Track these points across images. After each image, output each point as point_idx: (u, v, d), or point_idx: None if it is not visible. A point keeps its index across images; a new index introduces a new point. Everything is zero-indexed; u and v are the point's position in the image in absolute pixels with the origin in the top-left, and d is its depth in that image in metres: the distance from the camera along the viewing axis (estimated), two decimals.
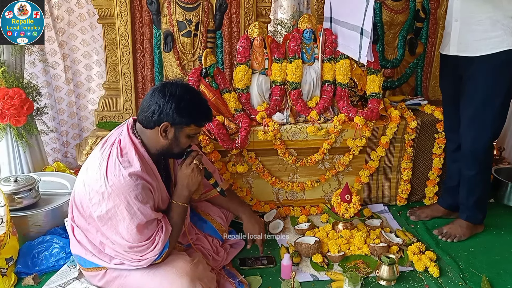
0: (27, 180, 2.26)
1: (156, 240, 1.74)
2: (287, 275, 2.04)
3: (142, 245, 1.72)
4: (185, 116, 1.74)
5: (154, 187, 1.77)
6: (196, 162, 1.84)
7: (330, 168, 2.61)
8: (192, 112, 1.76)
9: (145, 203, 1.70)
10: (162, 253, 1.76)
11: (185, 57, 2.72)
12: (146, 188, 1.71)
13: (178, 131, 1.77)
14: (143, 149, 1.77)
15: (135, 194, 1.67)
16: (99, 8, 2.59)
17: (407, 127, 2.57)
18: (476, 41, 2.13)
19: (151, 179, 1.75)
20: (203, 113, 1.81)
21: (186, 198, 1.86)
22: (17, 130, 2.53)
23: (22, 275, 2.03)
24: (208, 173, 1.95)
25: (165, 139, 1.76)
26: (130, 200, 1.67)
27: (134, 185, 1.67)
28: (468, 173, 2.32)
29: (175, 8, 2.60)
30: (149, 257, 1.74)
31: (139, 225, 1.69)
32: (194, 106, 1.77)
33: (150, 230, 1.74)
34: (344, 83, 2.50)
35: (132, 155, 1.72)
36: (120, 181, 1.66)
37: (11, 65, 2.47)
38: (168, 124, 1.73)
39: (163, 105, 1.71)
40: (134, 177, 1.68)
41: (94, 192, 1.70)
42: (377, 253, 2.21)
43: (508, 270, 2.17)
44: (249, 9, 2.69)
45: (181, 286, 1.72)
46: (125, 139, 1.76)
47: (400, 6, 2.83)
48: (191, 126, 1.78)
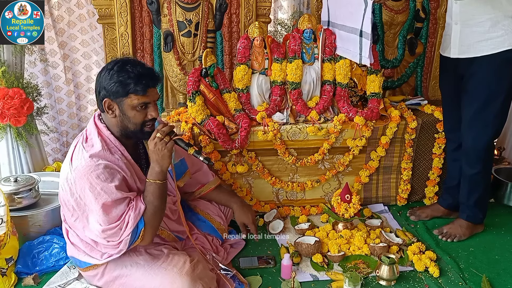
0: (27, 180, 2.26)
1: (126, 220, 1.71)
2: (287, 275, 2.04)
3: (113, 227, 1.70)
4: (116, 86, 1.69)
5: (122, 168, 1.75)
6: (159, 136, 1.74)
7: (330, 168, 2.61)
8: (123, 80, 1.68)
9: (109, 181, 1.67)
10: (137, 232, 1.73)
11: (185, 57, 2.72)
12: (108, 167, 1.69)
13: (121, 105, 1.73)
14: (108, 132, 1.78)
15: (97, 174, 1.66)
16: (99, 8, 2.59)
17: (407, 127, 2.57)
18: (477, 42, 2.13)
19: (116, 159, 1.74)
20: (134, 79, 1.69)
21: (158, 174, 1.76)
22: (17, 130, 2.53)
23: (22, 275, 2.03)
24: (186, 143, 1.82)
25: (113, 116, 1.75)
26: (92, 180, 1.66)
27: (95, 166, 1.67)
28: (469, 172, 2.32)
29: (175, 8, 2.60)
30: (124, 238, 1.72)
31: (105, 205, 1.67)
32: (124, 74, 1.69)
33: (120, 210, 1.71)
34: (344, 83, 2.50)
35: (95, 138, 1.75)
36: (82, 164, 1.68)
37: (11, 65, 2.47)
38: (109, 100, 1.72)
39: (98, 83, 1.73)
40: (95, 158, 1.69)
41: (65, 183, 1.74)
42: (377, 253, 2.21)
43: (508, 270, 2.17)
44: (249, 9, 2.69)
45: (182, 285, 1.73)
46: (90, 126, 1.79)
47: (400, 6, 2.83)
48: (130, 96, 1.70)
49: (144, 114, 1.75)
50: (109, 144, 1.76)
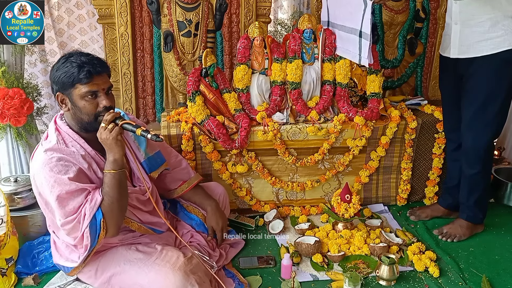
0: (27, 180, 2.26)
1: (83, 212, 1.69)
2: (287, 275, 2.04)
3: (71, 220, 1.68)
4: (62, 77, 1.69)
5: (79, 160, 1.74)
6: (102, 125, 1.71)
7: (330, 168, 2.61)
8: (67, 71, 1.68)
9: (62, 174, 1.66)
10: (97, 224, 1.69)
11: (185, 57, 2.72)
12: (62, 160, 1.69)
13: (71, 97, 1.72)
14: (66, 127, 1.78)
15: (50, 167, 1.67)
16: (99, 8, 2.59)
17: (407, 127, 2.57)
18: (477, 43, 2.13)
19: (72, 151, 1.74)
20: (77, 68, 1.67)
21: (112, 163, 1.72)
22: (17, 130, 2.53)
23: (22, 275, 2.03)
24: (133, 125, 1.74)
25: (66, 109, 1.75)
26: (46, 174, 1.67)
27: (48, 159, 1.68)
28: (469, 172, 2.32)
29: (175, 8, 2.61)
30: (84, 231, 1.69)
31: (59, 197, 1.66)
32: (68, 64, 1.69)
33: (76, 202, 1.68)
34: (344, 83, 2.50)
35: (52, 134, 1.77)
36: (38, 160, 1.71)
37: (11, 65, 2.47)
38: (60, 94, 1.73)
39: (50, 77, 1.74)
40: (49, 152, 1.70)
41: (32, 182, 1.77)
42: (377, 253, 2.21)
43: (508, 270, 2.17)
44: (249, 9, 2.69)
45: (174, 280, 1.72)
46: (50, 124, 1.82)
47: (400, 6, 2.83)
48: (77, 86, 1.69)
49: (95, 104, 1.73)
50: (66, 138, 1.77)
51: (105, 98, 1.74)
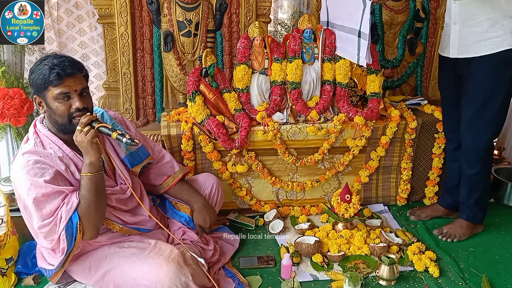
0: None
1: (59, 215, 1.68)
2: (287, 275, 2.04)
3: (48, 223, 1.68)
4: (36, 80, 1.70)
5: (56, 162, 1.73)
6: (78, 128, 1.70)
7: (330, 168, 2.61)
8: (39, 74, 1.70)
9: (39, 176, 1.66)
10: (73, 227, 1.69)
11: (185, 57, 2.72)
12: (39, 162, 1.69)
13: (45, 99, 1.73)
14: (45, 129, 1.79)
15: (27, 170, 1.67)
16: (99, 8, 2.59)
17: (407, 127, 2.57)
18: (476, 42, 2.13)
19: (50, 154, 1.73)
20: (48, 70, 1.68)
21: (87, 166, 1.72)
22: (17, 130, 2.53)
23: (22, 275, 2.03)
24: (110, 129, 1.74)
25: (44, 111, 1.77)
26: (22, 177, 1.67)
27: (25, 162, 1.69)
28: (469, 171, 2.32)
29: (175, 8, 2.61)
30: (60, 233, 1.69)
31: (36, 200, 1.65)
32: (41, 67, 1.71)
33: (53, 205, 1.68)
34: (344, 83, 2.50)
35: (31, 137, 1.78)
36: (16, 164, 1.72)
37: (11, 65, 2.47)
38: (36, 96, 1.75)
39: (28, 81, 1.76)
40: (27, 155, 1.71)
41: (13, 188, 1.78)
42: (377, 253, 2.21)
43: (508, 270, 2.17)
44: (249, 9, 2.69)
45: (168, 271, 1.72)
46: (31, 127, 1.82)
47: (400, 6, 2.83)
48: (49, 88, 1.70)
49: (67, 106, 1.73)
50: (44, 140, 1.77)
51: (78, 99, 1.73)
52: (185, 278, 1.73)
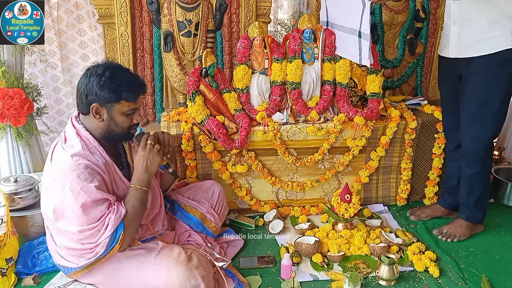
0: (27, 180, 2.26)
1: (106, 222, 1.70)
2: (287, 275, 2.04)
3: (91, 227, 1.69)
4: (109, 93, 1.71)
5: (102, 168, 1.75)
6: (151, 142, 1.81)
7: (330, 168, 2.61)
8: (116, 88, 1.72)
9: (89, 181, 1.67)
10: (116, 236, 1.71)
11: (185, 57, 2.72)
12: (89, 167, 1.70)
13: (110, 111, 1.75)
14: (86, 132, 1.78)
15: (77, 174, 1.67)
16: (99, 8, 2.59)
17: (407, 127, 2.57)
18: (475, 42, 2.13)
19: (96, 159, 1.75)
20: (127, 87, 1.74)
21: (145, 181, 1.80)
22: (17, 130, 2.53)
23: (22, 275, 2.03)
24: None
25: (101, 120, 1.77)
26: (72, 180, 1.66)
27: (76, 165, 1.68)
28: (469, 171, 2.32)
29: (175, 8, 2.61)
30: (102, 241, 1.70)
31: (84, 205, 1.66)
32: (117, 81, 1.72)
33: (99, 211, 1.69)
34: (344, 83, 2.50)
35: (74, 138, 1.76)
36: (63, 164, 1.69)
37: (11, 65, 2.47)
38: (98, 105, 1.74)
39: (87, 87, 1.72)
40: (76, 158, 1.70)
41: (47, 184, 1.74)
42: (377, 253, 2.21)
43: (508, 270, 2.17)
44: (249, 9, 2.69)
45: (177, 273, 1.73)
46: (68, 127, 1.81)
47: (400, 6, 2.83)
48: (121, 102, 1.74)
49: (130, 119, 1.80)
50: (88, 145, 1.77)
51: (139, 114, 1.83)
52: (195, 281, 1.74)
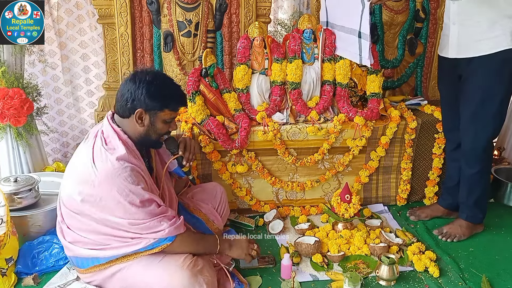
0: (27, 180, 2.26)
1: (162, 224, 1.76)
2: (287, 275, 2.04)
3: (144, 222, 1.73)
4: (156, 101, 1.77)
5: (144, 171, 1.79)
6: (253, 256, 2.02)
7: (330, 168, 2.61)
8: (163, 96, 1.78)
9: (137, 184, 1.71)
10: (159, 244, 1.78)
11: (185, 57, 2.72)
12: (134, 170, 1.73)
13: (153, 117, 1.80)
14: (125, 136, 1.80)
15: (125, 177, 1.69)
16: (99, 8, 2.59)
17: (407, 127, 2.57)
18: (475, 42, 2.13)
19: (138, 162, 1.78)
20: (174, 97, 1.83)
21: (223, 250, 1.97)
22: (17, 130, 2.53)
23: (22, 275, 2.03)
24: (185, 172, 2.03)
25: (142, 125, 1.80)
26: (120, 183, 1.69)
27: (122, 168, 1.70)
28: (468, 171, 2.32)
29: (175, 8, 2.61)
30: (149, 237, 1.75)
31: (134, 205, 1.70)
32: (165, 90, 1.80)
33: (148, 212, 1.74)
34: (344, 83, 2.50)
35: (116, 141, 1.77)
36: (109, 166, 1.70)
37: (11, 65, 2.47)
38: (142, 111, 1.77)
39: (134, 92, 1.75)
40: (122, 161, 1.71)
41: (84, 183, 1.73)
42: (377, 253, 2.21)
43: (508, 270, 2.17)
44: (249, 9, 2.69)
45: (182, 278, 1.73)
46: (107, 129, 1.80)
47: (400, 6, 2.83)
48: (165, 110, 1.80)
49: (168, 127, 1.87)
50: (129, 148, 1.79)
51: (175, 124, 1.91)
52: (200, 287, 1.74)
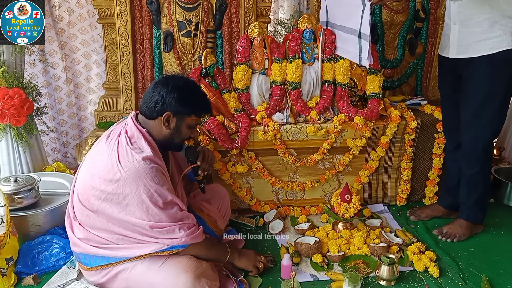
0: (27, 180, 2.26)
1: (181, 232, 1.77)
2: (287, 275, 2.04)
3: (164, 225, 1.75)
4: (186, 106, 1.81)
5: (166, 172, 1.82)
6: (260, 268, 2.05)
7: (330, 168, 2.61)
8: (193, 103, 1.84)
9: (162, 185, 1.74)
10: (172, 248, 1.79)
11: (185, 57, 2.72)
12: (159, 171, 1.76)
13: (179, 121, 1.84)
14: (150, 137, 1.82)
15: (151, 177, 1.72)
16: (99, 8, 2.59)
17: (407, 127, 2.57)
18: (475, 43, 2.13)
19: (162, 164, 1.81)
20: (203, 104, 1.90)
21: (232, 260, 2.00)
22: (17, 130, 2.53)
23: (22, 275, 2.03)
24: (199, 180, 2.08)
25: (168, 128, 1.83)
26: (146, 183, 1.71)
27: (149, 168, 1.72)
28: (468, 171, 2.32)
29: (175, 8, 2.61)
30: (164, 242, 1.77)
31: (157, 206, 1.73)
32: (195, 97, 1.86)
33: (170, 215, 1.76)
34: (344, 83, 2.50)
35: (142, 142, 1.78)
36: (135, 166, 1.71)
37: (11, 65, 2.47)
38: (171, 114, 1.80)
39: (166, 96, 1.78)
40: (148, 161, 1.73)
41: (107, 182, 1.72)
42: (377, 253, 2.21)
43: (508, 270, 2.17)
44: (249, 9, 2.69)
45: (186, 281, 1.74)
46: (132, 129, 1.81)
47: (400, 6, 2.83)
48: (192, 116, 1.85)
49: (191, 132, 1.91)
50: (154, 149, 1.81)
51: (196, 129, 1.96)
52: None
